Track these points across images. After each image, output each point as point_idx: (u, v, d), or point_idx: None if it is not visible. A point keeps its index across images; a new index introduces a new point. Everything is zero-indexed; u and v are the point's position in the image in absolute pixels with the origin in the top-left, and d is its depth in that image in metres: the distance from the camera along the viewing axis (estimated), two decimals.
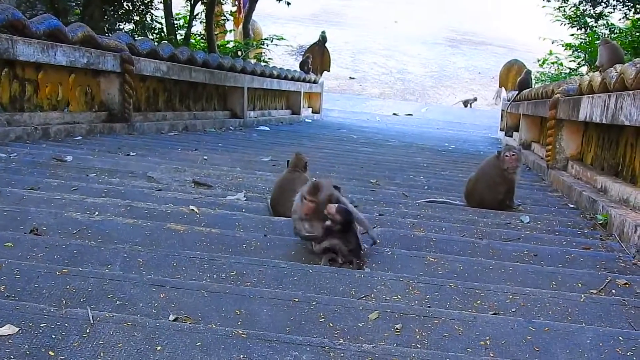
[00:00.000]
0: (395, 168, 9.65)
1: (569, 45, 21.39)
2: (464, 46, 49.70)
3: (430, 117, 29.90)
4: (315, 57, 22.95)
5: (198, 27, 22.24)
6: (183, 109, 13.34)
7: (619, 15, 19.51)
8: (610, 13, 20.21)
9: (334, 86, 36.58)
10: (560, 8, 21.37)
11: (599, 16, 20.38)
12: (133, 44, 10.81)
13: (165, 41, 15.15)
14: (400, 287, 3.64)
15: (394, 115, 29.97)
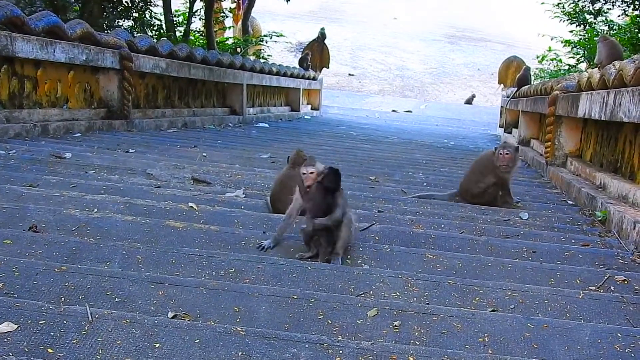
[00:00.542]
0: (394, 165, 9.65)
1: (568, 42, 21.35)
2: (463, 43, 49.68)
3: (429, 114, 29.88)
4: (314, 54, 22.93)
5: (197, 24, 22.23)
6: (182, 106, 13.33)
7: (618, 12, 19.49)
8: (609, 10, 20.20)
9: (333, 83, 36.56)
10: (559, 5, 21.34)
11: (598, 13, 20.36)
12: (132, 41, 10.80)
13: (164, 38, 15.16)
14: (399, 284, 3.65)
15: (393, 112, 29.95)
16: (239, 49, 22.03)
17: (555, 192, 7.98)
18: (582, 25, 20.76)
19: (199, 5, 20.59)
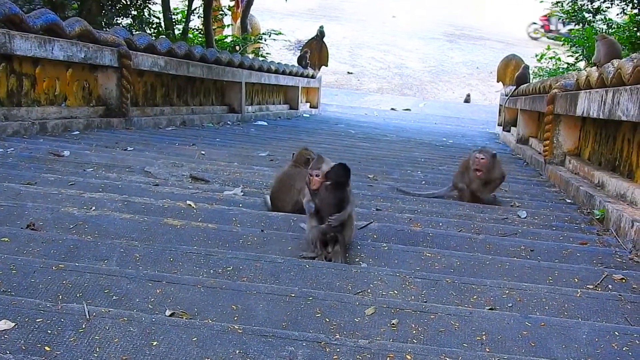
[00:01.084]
0: (393, 163, 9.64)
1: (566, 40, 21.36)
2: (462, 41, 49.62)
3: (428, 112, 29.85)
4: (313, 52, 22.91)
5: (196, 22, 22.17)
6: (181, 104, 13.32)
7: (616, 11, 19.44)
8: (608, 8, 20.17)
9: (332, 81, 36.49)
10: (558, 3, 21.33)
11: (596, 11, 20.33)
12: (130, 39, 10.79)
13: (162, 36, 15.14)
14: (397, 283, 3.65)
15: (392, 110, 29.92)
16: (237, 47, 22.00)
17: (554, 191, 7.99)
18: (581, 24, 20.75)
19: (197, 3, 20.54)
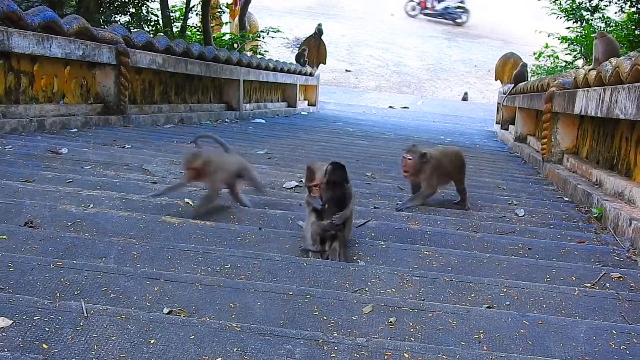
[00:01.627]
0: (391, 161, 9.61)
1: (564, 39, 21.35)
2: (459, 39, 49.58)
3: (426, 110, 29.87)
4: (311, 50, 22.91)
5: (194, 20, 22.16)
6: (179, 102, 13.30)
7: (614, 9, 19.46)
8: (606, 6, 20.18)
9: (330, 79, 36.49)
10: (556, 1, 21.33)
11: (594, 9, 20.34)
12: (129, 36, 10.77)
13: (161, 33, 15.08)
14: (395, 281, 3.65)
15: (390, 108, 29.93)
16: (235, 45, 22.01)
17: (552, 189, 7.99)
18: (579, 22, 20.75)
19: (195, 0, 20.54)
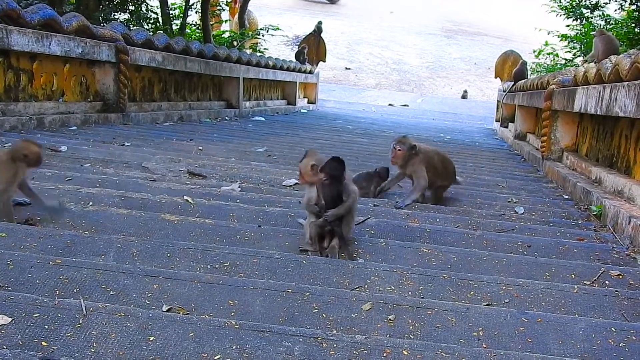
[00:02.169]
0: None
1: (564, 36, 21.36)
2: (459, 37, 49.60)
3: (425, 108, 29.88)
4: (310, 48, 22.90)
5: (193, 17, 22.15)
6: (178, 99, 13.30)
7: (614, 6, 19.47)
8: (605, 4, 20.20)
9: (330, 77, 36.49)
10: None
11: (594, 7, 20.36)
12: (128, 34, 10.76)
13: (160, 31, 15.10)
14: (394, 278, 3.65)
15: (390, 105, 29.94)
16: (235, 43, 21.98)
17: (551, 187, 7.99)
18: (579, 20, 20.76)
19: None
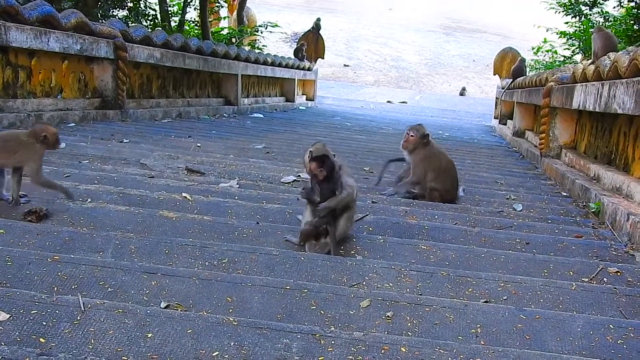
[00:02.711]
0: (389, 156, 9.59)
1: (563, 33, 21.33)
2: (458, 34, 49.61)
3: (424, 105, 29.87)
4: (309, 45, 22.87)
5: (192, 14, 22.12)
6: (177, 96, 13.29)
7: (613, 3, 19.44)
8: (604, 1, 20.17)
9: (328, 73, 36.50)
10: None
11: (593, 4, 20.32)
12: (126, 31, 10.75)
13: (159, 28, 15.10)
14: (392, 275, 3.65)
15: (388, 102, 29.93)
16: (233, 39, 21.96)
17: (550, 184, 8.00)
18: (578, 17, 20.73)
19: None
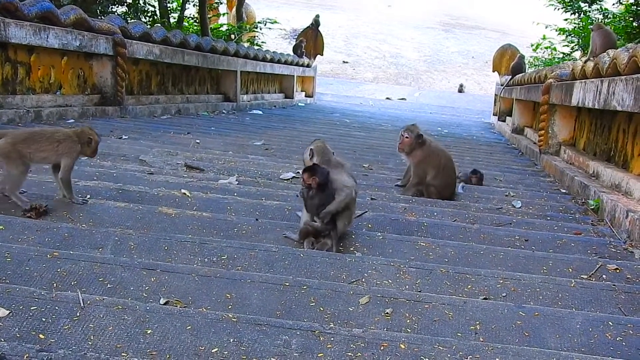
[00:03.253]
0: (388, 152, 9.62)
1: (562, 30, 21.35)
2: (457, 30, 49.59)
3: (423, 102, 29.88)
4: (308, 41, 22.86)
5: (191, 10, 22.11)
6: (176, 93, 13.29)
7: (612, 0, 19.44)
8: None
9: (328, 70, 36.47)
10: None
11: (592, 1, 20.33)
12: (125, 27, 10.74)
13: (158, 24, 15.04)
14: (391, 272, 3.65)
15: (387, 99, 29.94)
16: (233, 36, 21.95)
17: (549, 181, 8.00)
18: (577, 14, 20.74)
19: None
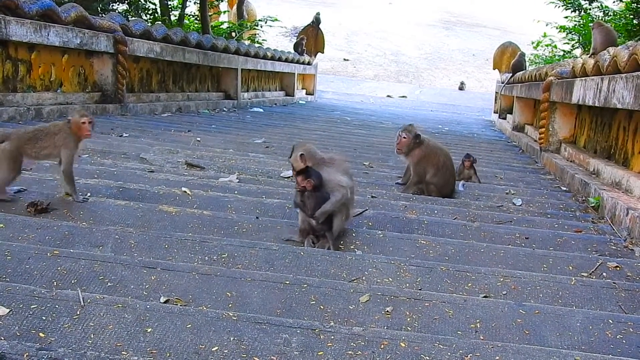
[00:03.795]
0: (388, 150, 9.59)
1: (563, 28, 21.31)
2: (458, 28, 49.53)
3: (424, 99, 29.87)
4: (309, 39, 22.84)
5: (192, 8, 22.09)
6: (176, 90, 13.28)
7: None
8: None
9: (328, 68, 36.44)
10: None
11: None
12: (126, 25, 10.74)
13: (158, 22, 15.06)
14: (392, 270, 3.65)
15: (388, 97, 29.92)
16: (233, 34, 21.92)
17: (549, 178, 8.00)
18: (577, 11, 20.69)
19: None
